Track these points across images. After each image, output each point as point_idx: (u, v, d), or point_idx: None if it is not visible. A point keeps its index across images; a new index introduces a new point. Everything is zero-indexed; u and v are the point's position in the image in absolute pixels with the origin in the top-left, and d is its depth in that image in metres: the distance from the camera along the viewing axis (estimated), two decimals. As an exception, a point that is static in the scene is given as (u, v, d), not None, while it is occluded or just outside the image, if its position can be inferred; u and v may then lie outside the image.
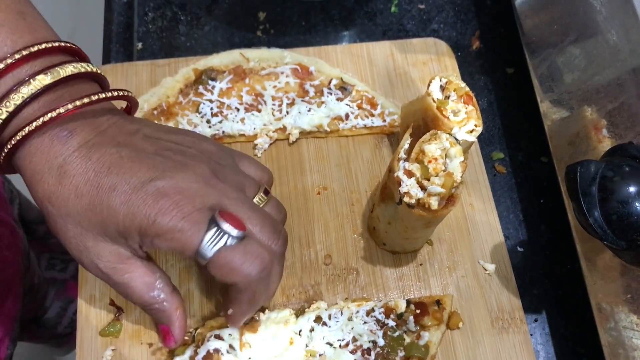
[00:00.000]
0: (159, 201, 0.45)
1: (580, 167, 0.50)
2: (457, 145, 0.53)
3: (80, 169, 0.45)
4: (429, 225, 0.57)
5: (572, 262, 0.66)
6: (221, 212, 0.46)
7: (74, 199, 0.46)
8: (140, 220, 0.45)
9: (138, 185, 0.45)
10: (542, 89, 0.67)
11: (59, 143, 0.45)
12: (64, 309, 1.34)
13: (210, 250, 0.46)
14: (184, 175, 0.47)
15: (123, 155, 0.46)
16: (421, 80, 0.72)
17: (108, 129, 0.48)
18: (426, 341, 0.58)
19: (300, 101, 0.69)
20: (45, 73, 0.44)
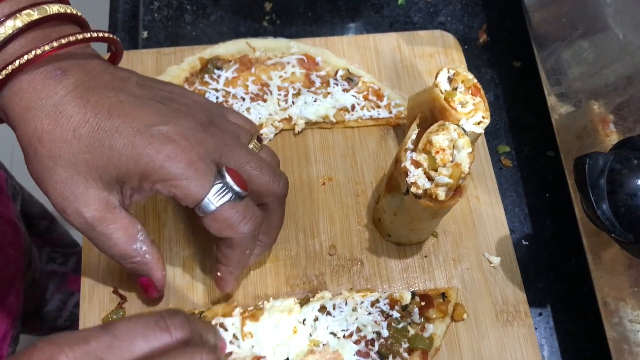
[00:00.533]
0: (166, 145, 0.45)
1: (589, 159, 0.50)
2: (465, 136, 0.53)
3: (79, 110, 0.44)
4: (435, 216, 0.57)
5: (578, 256, 0.66)
6: (227, 168, 0.47)
7: (71, 140, 0.44)
8: (145, 164, 0.45)
9: (142, 128, 0.45)
10: (550, 82, 0.67)
11: (53, 81, 0.44)
12: (64, 302, 1.34)
13: (213, 204, 0.46)
14: (186, 122, 0.47)
15: (122, 99, 0.46)
16: (428, 73, 0.72)
17: (100, 74, 0.47)
18: (430, 333, 0.58)
19: (306, 91, 0.69)
20: (32, 9, 0.44)
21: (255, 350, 0.55)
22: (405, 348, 0.57)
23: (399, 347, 0.57)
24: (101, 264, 0.61)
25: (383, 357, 0.57)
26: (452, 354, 0.59)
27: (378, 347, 0.57)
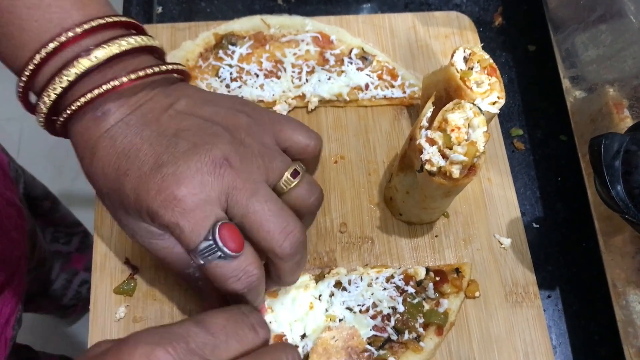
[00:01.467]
0: (162, 193, 0.44)
1: (605, 140, 0.50)
2: (481, 115, 0.53)
3: (106, 150, 0.46)
4: (448, 195, 0.57)
5: (588, 240, 0.66)
6: (222, 225, 0.44)
7: (103, 180, 0.47)
8: (145, 208, 0.45)
9: (147, 171, 0.45)
10: (565, 65, 0.67)
11: (93, 124, 0.46)
12: (69, 281, 1.35)
13: (202, 259, 0.44)
14: (193, 162, 0.45)
15: (144, 136, 0.46)
16: (443, 54, 0.72)
17: (141, 106, 0.48)
18: (445, 308, 0.58)
19: (320, 69, 0.69)
20: (87, 55, 0.45)
21: (273, 327, 0.56)
22: (420, 323, 0.58)
23: (415, 322, 0.57)
24: (113, 235, 0.61)
25: (399, 332, 0.57)
26: (461, 333, 0.59)
27: (394, 322, 0.57)
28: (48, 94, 0.45)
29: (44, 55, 0.45)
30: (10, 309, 0.82)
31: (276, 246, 0.46)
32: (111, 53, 0.45)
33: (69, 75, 0.45)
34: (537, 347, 0.59)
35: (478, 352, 0.58)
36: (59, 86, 0.45)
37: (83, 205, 1.75)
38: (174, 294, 0.59)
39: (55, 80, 0.45)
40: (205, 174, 0.45)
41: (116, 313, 0.58)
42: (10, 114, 1.92)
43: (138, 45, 0.47)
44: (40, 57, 0.45)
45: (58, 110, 0.47)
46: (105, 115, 0.46)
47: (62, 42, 0.44)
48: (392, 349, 0.57)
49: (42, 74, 0.46)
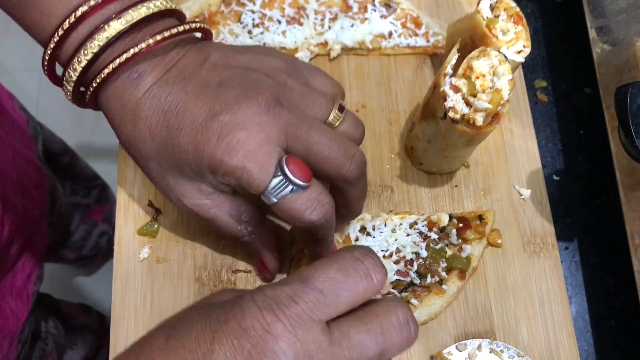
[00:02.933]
0: (223, 139, 0.44)
1: (632, 88, 0.50)
2: (506, 62, 0.53)
3: (151, 111, 0.46)
4: (470, 144, 0.56)
5: (608, 193, 0.66)
6: (288, 158, 0.45)
7: (150, 141, 0.46)
8: (207, 160, 0.45)
9: (203, 122, 0.45)
10: (593, 15, 0.65)
11: (130, 86, 0.46)
12: (89, 232, 1.37)
13: (275, 196, 0.45)
14: (247, 106, 0.45)
15: (188, 91, 0.46)
16: (467, 2, 0.70)
17: (177, 64, 0.47)
18: (468, 254, 0.59)
19: (343, 16, 0.68)
20: (118, 18, 0.44)
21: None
22: (443, 267, 0.59)
23: (437, 266, 0.58)
24: (137, 177, 0.62)
25: (422, 276, 0.58)
26: (478, 281, 0.60)
27: (417, 267, 0.58)
28: (79, 59, 0.45)
29: (73, 20, 0.44)
30: (31, 265, 0.85)
31: (344, 170, 0.47)
32: (140, 15, 0.45)
33: (100, 40, 0.44)
34: (553, 297, 0.60)
35: (494, 300, 0.59)
36: (90, 51, 0.44)
37: (102, 157, 1.77)
38: (196, 236, 0.60)
39: (87, 45, 0.44)
40: (262, 115, 0.45)
41: (140, 254, 0.59)
42: (29, 65, 1.92)
43: (163, 8, 0.47)
44: (69, 22, 0.44)
45: (86, 79, 0.46)
46: (142, 75, 0.46)
47: (92, 6, 0.44)
48: (414, 292, 0.57)
49: (71, 41, 0.45)
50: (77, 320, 1.17)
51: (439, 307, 0.58)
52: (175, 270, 0.59)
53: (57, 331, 0.97)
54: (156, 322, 0.57)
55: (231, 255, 0.60)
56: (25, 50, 1.94)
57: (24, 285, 0.83)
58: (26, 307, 0.82)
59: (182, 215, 0.61)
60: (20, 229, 0.79)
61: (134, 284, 0.59)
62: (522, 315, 0.59)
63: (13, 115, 0.88)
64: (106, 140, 1.79)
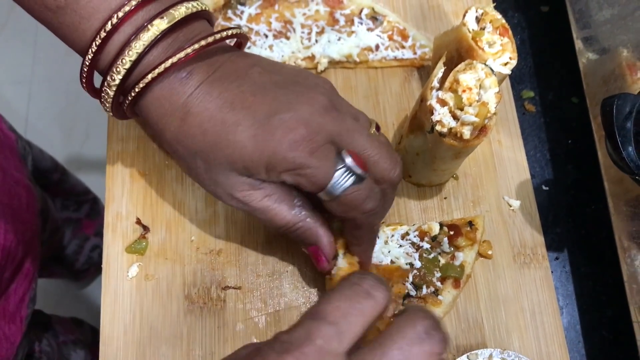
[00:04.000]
0: (286, 135, 0.44)
1: (617, 100, 0.50)
2: (493, 75, 0.53)
3: (203, 106, 0.45)
4: (458, 156, 0.57)
5: (597, 202, 0.66)
6: (347, 150, 0.46)
7: (200, 136, 0.46)
8: (268, 155, 0.45)
9: (263, 119, 0.45)
10: (578, 25, 0.66)
11: (179, 85, 0.45)
12: (81, 247, 1.37)
13: (339, 188, 0.46)
14: (307, 106, 0.46)
15: (244, 90, 0.46)
16: (454, 14, 0.71)
17: (224, 65, 0.47)
18: (461, 261, 0.59)
19: (330, 30, 0.68)
20: (161, 17, 0.44)
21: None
22: (438, 277, 0.58)
23: (432, 276, 0.58)
24: (124, 195, 0.61)
25: (417, 287, 0.58)
26: (469, 293, 0.60)
27: (412, 278, 0.58)
28: (123, 61, 0.44)
29: (116, 20, 0.43)
30: (24, 288, 0.84)
31: (391, 173, 0.49)
32: (182, 14, 0.44)
33: (144, 39, 0.43)
34: (544, 308, 0.59)
35: (485, 312, 0.59)
36: (135, 51, 0.43)
37: (93, 169, 1.77)
38: (185, 253, 0.60)
39: (131, 46, 0.43)
40: (321, 116, 0.46)
41: (128, 272, 0.59)
42: (18, 78, 1.92)
43: (200, 9, 0.46)
44: (111, 24, 0.43)
45: (128, 84, 0.45)
46: (191, 74, 0.45)
47: (133, 6, 0.43)
48: (411, 303, 0.57)
49: (112, 44, 0.44)
50: (70, 336, 1.15)
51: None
52: (164, 288, 0.59)
53: (51, 349, 0.96)
54: (146, 340, 0.57)
55: (220, 271, 0.59)
56: (15, 62, 1.94)
57: (17, 309, 0.82)
58: (20, 330, 0.81)
59: (170, 232, 0.60)
60: (13, 253, 0.79)
61: (123, 302, 0.58)
62: (513, 327, 0.59)
63: (1, 137, 0.87)
64: (96, 152, 1.79)
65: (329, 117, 0.46)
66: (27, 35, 1.90)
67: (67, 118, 1.86)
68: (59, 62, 1.83)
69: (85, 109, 1.82)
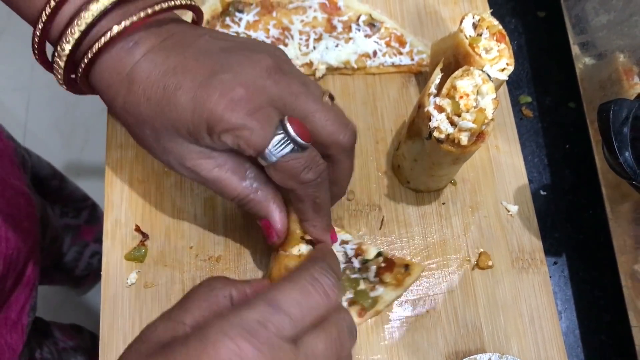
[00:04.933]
0: (225, 96, 0.44)
1: (614, 106, 0.50)
2: (490, 81, 0.53)
3: (147, 73, 0.45)
4: (456, 162, 0.57)
5: (595, 207, 0.66)
6: (289, 118, 0.45)
7: (145, 103, 0.45)
8: (207, 116, 0.44)
9: (203, 80, 0.44)
10: (575, 31, 0.66)
11: (125, 54, 0.45)
12: (80, 253, 1.37)
13: (274, 155, 0.45)
14: (249, 69, 0.46)
15: (187, 55, 0.46)
16: (451, 20, 0.71)
17: (172, 36, 0.47)
18: (378, 295, 0.58)
19: (327, 36, 0.68)
20: None
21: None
22: (348, 298, 0.58)
23: (343, 295, 0.58)
24: (124, 202, 0.62)
25: None
26: (467, 299, 0.60)
27: None
28: (72, 31, 0.43)
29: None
30: (25, 296, 0.84)
31: (340, 137, 0.48)
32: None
33: (94, 9, 0.43)
34: (543, 313, 0.60)
35: (484, 317, 0.59)
36: (84, 22, 0.43)
37: (92, 175, 1.77)
38: (184, 260, 0.60)
39: (80, 16, 0.43)
40: (264, 78, 0.46)
41: (127, 279, 0.59)
42: (18, 84, 1.92)
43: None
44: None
45: (78, 54, 0.45)
46: (138, 44, 0.45)
47: None
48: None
49: (62, 14, 0.44)
50: (70, 342, 1.15)
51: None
52: (164, 295, 0.59)
53: (51, 356, 0.96)
54: (145, 348, 0.57)
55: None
56: (13, 69, 1.94)
57: (18, 318, 0.82)
58: (21, 339, 0.81)
59: (169, 239, 0.60)
60: (15, 261, 0.79)
61: (122, 309, 0.58)
62: (512, 332, 0.59)
63: (0, 147, 0.88)
64: (95, 158, 1.79)
65: (271, 80, 0.46)
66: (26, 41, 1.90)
67: (66, 124, 1.86)
68: (57, 69, 1.83)
69: (84, 115, 1.83)
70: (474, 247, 0.62)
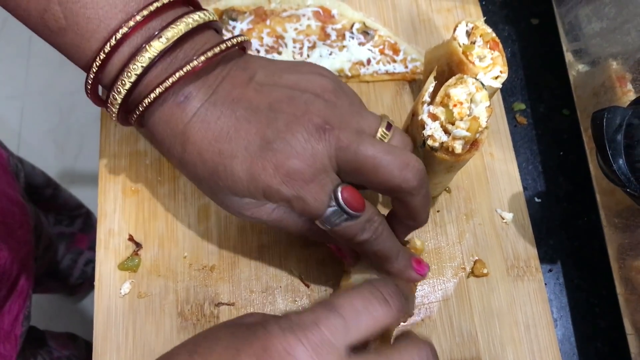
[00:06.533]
0: (280, 169, 0.44)
1: (607, 113, 0.50)
2: (483, 89, 0.53)
3: (201, 135, 0.45)
4: (450, 170, 0.57)
5: (590, 214, 0.66)
6: (343, 188, 0.45)
7: (201, 165, 0.46)
8: (262, 188, 0.45)
9: (256, 150, 0.45)
10: (568, 38, 0.66)
11: (177, 110, 0.45)
12: (75, 261, 1.36)
13: (329, 224, 0.46)
14: (299, 134, 0.45)
15: (238, 115, 0.45)
16: (445, 28, 0.71)
17: (222, 84, 0.46)
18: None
19: (321, 44, 0.68)
20: (159, 37, 0.43)
21: None
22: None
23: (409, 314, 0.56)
24: (117, 212, 0.61)
25: None
26: (463, 307, 0.60)
27: None
28: (122, 82, 0.44)
29: (114, 42, 0.43)
30: (19, 306, 0.83)
31: (400, 181, 0.46)
32: (180, 32, 0.44)
33: (142, 61, 0.43)
34: (538, 320, 0.59)
35: (479, 326, 0.59)
36: (133, 73, 0.43)
37: (86, 182, 1.76)
38: (178, 270, 0.60)
39: (129, 67, 0.43)
40: (314, 142, 0.45)
41: (121, 289, 0.58)
42: (12, 92, 1.92)
43: (202, 22, 0.46)
44: (110, 45, 0.43)
45: (131, 102, 0.45)
46: (188, 99, 0.45)
47: (131, 27, 0.43)
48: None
49: (112, 63, 0.44)
50: (64, 351, 1.15)
51: None
52: (157, 305, 0.58)
53: (46, 366, 0.96)
54: (139, 358, 0.56)
55: (213, 288, 0.59)
56: (7, 77, 1.94)
57: (12, 327, 0.81)
58: (14, 349, 0.80)
59: (163, 248, 0.60)
60: (8, 271, 0.78)
61: (116, 320, 0.58)
62: (508, 340, 0.59)
63: None
64: (90, 166, 1.79)
65: (323, 142, 0.45)
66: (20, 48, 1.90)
67: (61, 132, 1.85)
68: (52, 76, 1.83)
69: (79, 122, 1.82)
70: (469, 255, 0.62)
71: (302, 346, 0.36)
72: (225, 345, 0.38)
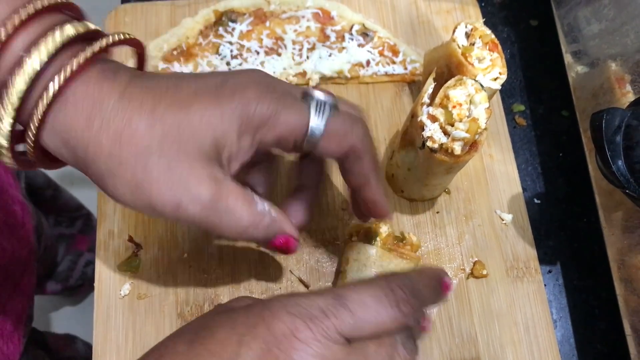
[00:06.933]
0: (248, 91, 0.41)
1: (606, 115, 0.50)
2: (482, 91, 0.53)
3: (147, 92, 0.40)
4: (449, 172, 0.57)
5: (589, 215, 0.66)
6: (312, 86, 0.44)
7: (154, 124, 0.39)
8: (238, 115, 0.41)
9: (219, 84, 0.41)
10: (567, 40, 0.66)
11: (108, 81, 0.39)
12: (74, 263, 1.36)
13: (321, 122, 0.43)
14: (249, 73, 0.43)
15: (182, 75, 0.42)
16: (444, 29, 0.71)
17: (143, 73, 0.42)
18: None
19: (321, 46, 0.68)
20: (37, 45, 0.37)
21: None
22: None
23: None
24: (116, 213, 0.61)
25: None
26: (462, 308, 0.60)
27: None
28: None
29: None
30: (22, 306, 0.83)
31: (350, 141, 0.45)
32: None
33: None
34: (538, 321, 0.59)
35: (479, 326, 0.59)
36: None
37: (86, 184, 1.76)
38: (178, 271, 0.60)
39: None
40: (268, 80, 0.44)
41: (120, 290, 0.58)
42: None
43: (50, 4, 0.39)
44: None
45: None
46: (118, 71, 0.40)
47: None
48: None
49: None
50: (64, 353, 1.15)
51: None
52: (157, 306, 0.58)
53: (48, 367, 0.96)
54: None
55: (213, 289, 0.59)
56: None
57: (14, 328, 0.81)
58: (18, 349, 0.80)
59: (163, 249, 0.60)
60: (10, 271, 0.78)
61: (115, 321, 0.58)
62: (507, 341, 0.59)
63: None
64: (90, 167, 1.78)
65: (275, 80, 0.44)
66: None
67: (61, 133, 1.85)
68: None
69: (78, 124, 1.81)
70: (469, 256, 0.62)
71: (310, 332, 0.36)
72: (228, 331, 0.37)
